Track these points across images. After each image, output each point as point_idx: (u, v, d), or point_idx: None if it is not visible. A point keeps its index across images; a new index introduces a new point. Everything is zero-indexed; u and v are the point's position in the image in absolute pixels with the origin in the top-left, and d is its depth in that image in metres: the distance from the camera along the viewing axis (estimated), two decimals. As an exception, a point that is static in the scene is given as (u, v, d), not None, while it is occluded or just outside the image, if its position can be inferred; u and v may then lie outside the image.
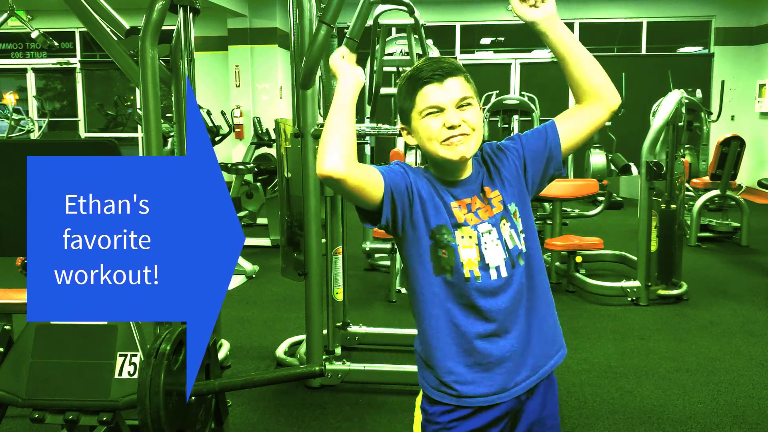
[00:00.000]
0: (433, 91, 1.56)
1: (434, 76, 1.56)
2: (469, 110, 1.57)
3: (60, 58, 11.97)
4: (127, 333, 2.11)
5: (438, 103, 1.55)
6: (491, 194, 1.63)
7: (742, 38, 10.83)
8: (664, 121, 4.87)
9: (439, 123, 1.55)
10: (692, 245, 6.75)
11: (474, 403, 1.60)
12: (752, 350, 3.99)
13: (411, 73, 1.61)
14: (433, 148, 1.57)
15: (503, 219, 1.62)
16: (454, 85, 1.56)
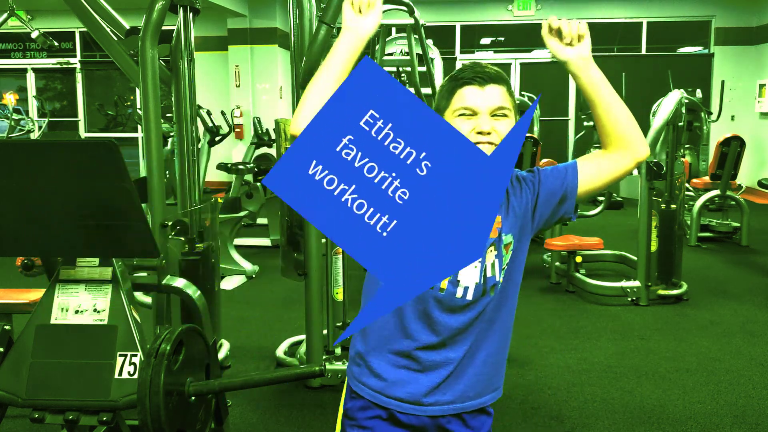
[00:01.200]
0: (471, 93, 1.52)
1: (476, 79, 1.53)
2: (503, 121, 1.53)
3: (60, 58, 11.97)
4: (126, 333, 2.11)
5: (473, 106, 1.51)
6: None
7: (742, 38, 10.83)
8: (664, 121, 4.87)
9: (470, 126, 1.51)
10: (692, 245, 6.75)
11: (388, 404, 1.56)
12: (752, 350, 3.99)
13: (454, 73, 1.58)
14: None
15: (492, 246, 1.58)
16: (493, 92, 1.52)
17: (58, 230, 2.08)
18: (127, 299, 2.16)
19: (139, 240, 2.05)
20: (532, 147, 7.09)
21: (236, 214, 5.70)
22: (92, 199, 1.97)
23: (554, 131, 11.20)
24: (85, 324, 2.12)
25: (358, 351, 1.63)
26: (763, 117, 10.41)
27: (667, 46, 11.46)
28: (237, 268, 5.67)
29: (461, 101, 1.52)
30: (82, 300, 2.14)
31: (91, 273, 2.17)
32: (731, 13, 10.86)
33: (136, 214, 1.98)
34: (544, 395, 3.39)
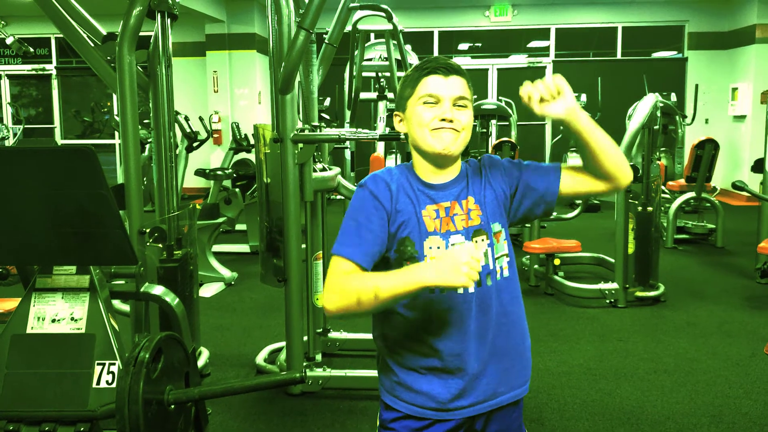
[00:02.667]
0: (436, 81, 1.59)
1: (440, 69, 1.60)
2: (463, 111, 1.60)
3: (35, 65, 11.84)
4: (104, 341, 2.09)
5: (437, 94, 1.58)
6: (472, 205, 1.63)
7: (714, 43, 10.99)
8: (639, 125, 4.92)
9: (433, 114, 1.58)
10: (669, 247, 6.83)
11: (423, 414, 1.61)
12: (728, 350, 4.04)
13: (419, 64, 1.65)
14: (422, 135, 1.60)
15: (480, 233, 1.62)
16: (456, 82, 1.60)
17: (35, 238, 2.05)
18: (104, 307, 2.13)
19: (117, 247, 2.03)
20: (510, 151, 7.14)
21: (215, 220, 5.67)
22: (69, 206, 1.95)
23: (531, 135, 11.24)
24: (62, 333, 2.10)
25: (387, 363, 1.67)
26: (736, 120, 10.56)
27: (642, 51, 11.59)
28: (215, 275, 5.63)
29: (426, 89, 1.59)
30: (59, 309, 2.12)
31: (68, 281, 2.15)
32: (704, 18, 11.01)
33: (114, 221, 1.96)
34: (524, 398, 3.40)
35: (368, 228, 1.56)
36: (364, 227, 1.56)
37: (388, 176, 1.63)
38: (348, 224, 1.58)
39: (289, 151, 3.14)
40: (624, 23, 11.28)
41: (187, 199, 9.52)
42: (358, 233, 1.55)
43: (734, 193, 9.62)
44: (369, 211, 1.57)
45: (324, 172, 3.43)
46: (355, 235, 1.55)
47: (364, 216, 1.57)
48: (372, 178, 1.63)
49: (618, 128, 6.87)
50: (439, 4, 11.10)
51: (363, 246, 1.54)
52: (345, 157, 8.98)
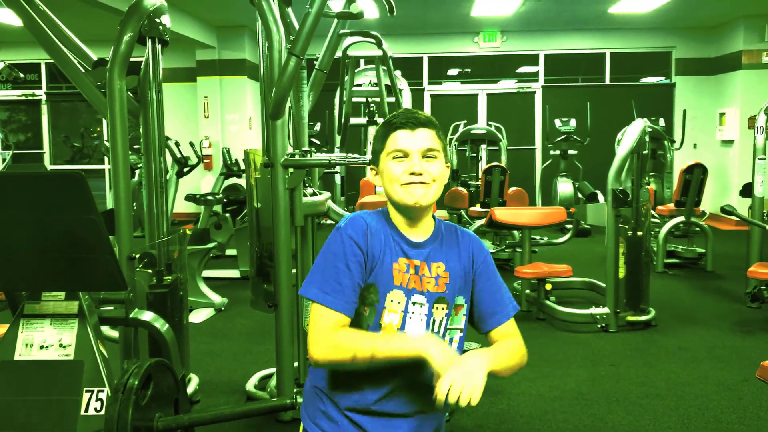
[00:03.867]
0: (403, 136, 1.63)
1: (407, 123, 1.64)
2: (433, 163, 1.64)
3: (25, 90, 11.84)
4: (93, 368, 2.07)
5: (405, 148, 1.62)
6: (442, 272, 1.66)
7: (701, 68, 11.13)
8: (628, 150, 4.96)
9: (402, 168, 1.63)
10: (659, 271, 6.85)
11: None
12: (720, 375, 4.04)
13: (387, 119, 1.69)
14: (393, 189, 1.63)
15: (441, 301, 1.65)
16: (423, 135, 1.63)
17: (23, 263, 2.04)
18: (93, 333, 2.12)
19: (107, 273, 2.02)
20: (500, 175, 7.17)
21: (205, 245, 5.65)
22: (58, 232, 1.94)
23: (521, 160, 11.34)
24: (50, 360, 2.08)
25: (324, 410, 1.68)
26: (724, 145, 10.66)
27: (630, 76, 11.72)
28: (205, 301, 5.60)
29: (394, 144, 1.64)
30: (48, 335, 2.10)
31: (57, 307, 2.13)
32: (691, 45, 11.16)
33: (103, 247, 1.95)
34: (516, 423, 3.38)
35: (349, 276, 1.57)
36: (344, 275, 1.56)
37: (366, 221, 1.64)
38: (327, 269, 1.58)
39: (279, 176, 3.15)
40: (612, 49, 11.42)
41: (178, 224, 9.49)
42: (338, 280, 1.56)
43: (723, 218, 9.68)
44: (349, 257, 1.58)
45: (314, 196, 3.43)
46: (335, 282, 1.56)
47: (344, 262, 1.57)
48: (351, 222, 1.64)
49: (607, 153, 6.93)
50: (429, 30, 11.21)
51: (346, 295, 1.56)
52: (335, 181, 9.00)
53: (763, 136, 5.66)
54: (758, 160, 5.67)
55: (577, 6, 9.47)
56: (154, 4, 3.25)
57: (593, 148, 9.81)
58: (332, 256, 1.59)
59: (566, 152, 9.74)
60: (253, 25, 3.73)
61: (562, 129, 9.75)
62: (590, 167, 9.65)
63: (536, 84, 11.62)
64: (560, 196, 9.66)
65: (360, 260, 1.58)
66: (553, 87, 11.62)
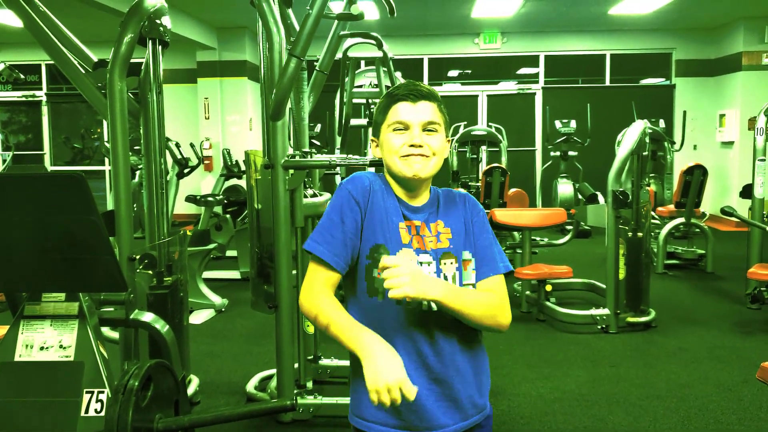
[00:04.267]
0: (404, 108, 1.63)
1: (409, 96, 1.63)
2: (434, 136, 1.63)
3: (26, 91, 11.85)
4: (93, 369, 2.07)
5: (406, 120, 1.62)
6: (442, 228, 1.66)
7: (701, 70, 11.12)
8: (629, 151, 4.96)
9: (402, 140, 1.62)
10: (659, 272, 6.85)
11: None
12: (720, 376, 4.03)
13: (390, 90, 1.70)
14: (393, 161, 1.64)
15: (448, 256, 1.64)
16: (425, 108, 1.63)
17: (24, 265, 2.04)
18: (94, 335, 2.12)
19: (107, 274, 2.02)
20: (500, 177, 7.17)
21: (205, 246, 5.65)
22: (59, 233, 1.94)
23: (521, 161, 11.34)
24: (50, 361, 2.08)
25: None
26: (724, 146, 10.66)
27: (630, 78, 11.71)
28: (206, 302, 5.60)
29: (395, 116, 1.64)
30: (48, 336, 2.10)
31: (57, 308, 2.13)
32: (691, 46, 11.16)
33: (104, 248, 1.95)
34: (516, 424, 3.38)
35: (341, 229, 1.59)
36: (336, 226, 1.59)
37: (369, 180, 1.66)
38: (323, 221, 1.62)
39: (279, 177, 3.15)
40: (612, 50, 11.41)
41: (178, 225, 9.49)
42: (330, 231, 1.59)
43: (723, 219, 9.68)
44: (344, 211, 1.60)
45: (314, 197, 3.43)
46: (327, 233, 1.59)
47: (339, 215, 1.60)
48: (352, 178, 1.66)
49: (607, 154, 6.93)
50: (429, 31, 11.21)
51: (334, 246, 1.58)
52: (335, 182, 9.00)
53: (763, 138, 5.66)
54: (758, 161, 5.67)
55: (577, 7, 9.47)
56: (155, 5, 3.25)
57: (593, 149, 9.81)
58: (330, 209, 1.62)
59: (566, 153, 9.74)
60: (254, 26, 3.72)
61: (563, 130, 9.75)
62: (590, 168, 9.65)
63: (536, 85, 11.62)
64: (560, 198, 9.66)
65: (356, 217, 1.60)
66: (554, 88, 11.62)
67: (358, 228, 1.60)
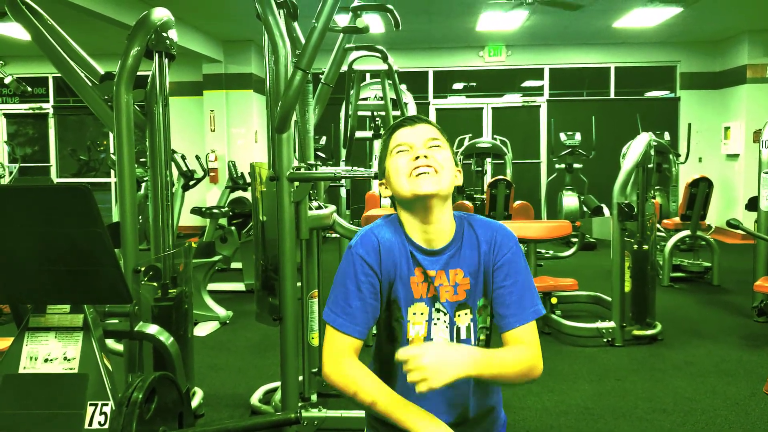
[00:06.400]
0: (404, 132, 1.63)
1: (406, 121, 1.65)
2: (438, 150, 1.60)
3: (32, 104, 11.91)
4: (97, 381, 2.06)
5: (407, 142, 1.61)
6: (461, 279, 1.60)
7: (706, 82, 11.13)
8: (634, 163, 4.95)
9: (407, 157, 1.59)
10: (665, 285, 6.82)
11: None
12: (727, 390, 4.01)
13: (390, 126, 1.69)
14: (401, 184, 1.57)
15: (462, 308, 1.61)
16: (424, 128, 1.63)
17: (29, 276, 2.04)
18: (98, 347, 2.11)
19: (112, 286, 2.02)
20: (505, 189, 7.17)
21: (210, 258, 5.65)
22: (64, 245, 1.94)
23: (527, 174, 11.34)
24: (54, 373, 2.07)
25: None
26: (729, 159, 10.64)
27: (634, 90, 11.73)
28: (210, 314, 5.59)
29: (396, 141, 1.63)
30: (52, 348, 2.10)
31: (62, 320, 2.13)
32: (696, 59, 11.17)
33: (109, 260, 1.95)
34: (522, 439, 3.36)
35: (359, 297, 1.54)
36: (354, 296, 1.54)
37: (377, 237, 1.59)
38: (339, 290, 1.57)
39: (285, 190, 3.15)
40: (617, 63, 11.43)
41: (183, 237, 9.51)
42: (347, 301, 1.54)
43: (729, 231, 9.65)
44: (359, 278, 1.55)
45: (320, 210, 3.44)
46: (345, 302, 1.55)
47: (354, 284, 1.55)
48: (361, 241, 1.59)
49: (612, 167, 6.92)
50: (434, 44, 11.25)
51: (355, 317, 1.54)
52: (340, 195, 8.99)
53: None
54: (764, 173, 5.65)
55: (581, 21, 9.49)
56: (161, 18, 3.27)
57: (598, 161, 9.81)
58: (343, 277, 1.57)
59: (571, 166, 9.74)
60: (260, 39, 3.75)
61: (567, 143, 9.76)
62: (595, 181, 9.64)
63: (541, 98, 11.64)
64: (565, 210, 9.65)
65: (372, 280, 1.55)
66: (558, 101, 11.64)
67: (377, 290, 1.56)
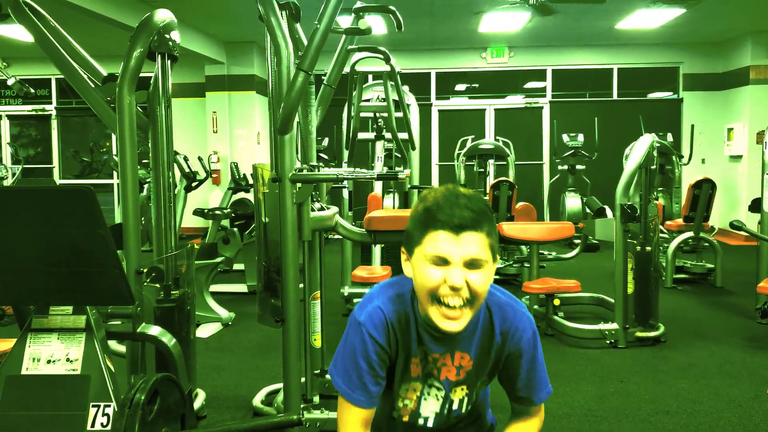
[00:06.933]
0: (445, 240, 1.38)
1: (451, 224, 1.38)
2: (477, 273, 1.40)
3: (35, 105, 11.94)
4: (100, 382, 2.07)
5: (446, 254, 1.38)
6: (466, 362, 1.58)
7: (709, 84, 11.12)
8: (636, 165, 4.94)
9: (440, 276, 1.39)
10: (668, 287, 6.81)
11: None
12: (730, 391, 4.00)
13: (429, 205, 1.42)
14: (425, 299, 1.44)
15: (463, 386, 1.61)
16: (470, 240, 1.38)
17: (31, 278, 2.04)
18: (100, 348, 2.11)
19: (114, 287, 2.02)
20: (508, 190, 7.16)
21: (212, 260, 5.65)
22: (67, 246, 1.94)
23: (529, 175, 11.34)
24: (57, 374, 2.07)
25: None
26: (732, 160, 10.63)
27: (637, 92, 11.72)
28: (213, 316, 5.59)
29: (434, 247, 1.39)
30: (55, 349, 2.10)
31: (65, 321, 2.13)
32: (698, 60, 11.16)
33: (112, 261, 1.95)
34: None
35: (372, 374, 1.53)
36: (367, 374, 1.52)
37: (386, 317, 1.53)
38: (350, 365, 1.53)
39: (287, 191, 3.15)
40: (619, 64, 11.43)
41: (186, 238, 9.51)
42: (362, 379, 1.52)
43: (732, 233, 9.63)
44: (372, 358, 1.52)
45: (322, 211, 3.43)
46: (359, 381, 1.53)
47: (367, 363, 1.52)
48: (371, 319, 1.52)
49: (615, 168, 6.91)
50: (436, 45, 11.25)
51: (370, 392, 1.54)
52: (343, 196, 8.98)
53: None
54: (767, 175, 5.64)
55: (584, 22, 9.49)
56: (164, 20, 3.28)
57: (601, 163, 9.80)
58: (353, 352, 1.52)
59: (574, 167, 9.74)
60: (262, 40, 3.75)
61: (570, 144, 9.75)
62: (598, 182, 9.63)
63: (544, 99, 11.63)
64: (568, 211, 9.64)
65: (383, 357, 1.54)
66: (561, 102, 11.63)
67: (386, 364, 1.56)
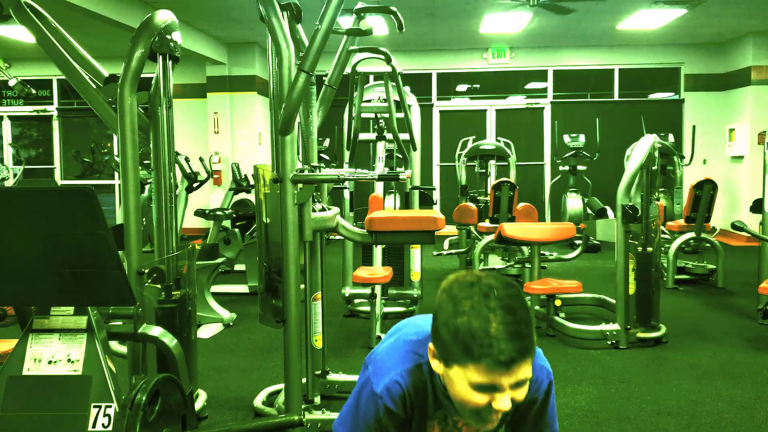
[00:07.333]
0: (494, 372, 1.32)
1: (500, 362, 1.32)
2: (521, 389, 1.37)
3: (37, 106, 11.95)
4: (101, 383, 2.07)
5: (496, 384, 1.33)
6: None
7: (711, 84, 11.12)
8: (638, 165, 4.94)
9: (485, 400, 1.35)
10: (669, 287, 6.80)
11: None
12: (732, 392, 3.99)
13: (474, 328, 1.32)
14: (463, 408, 1.40)
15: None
16: (520, 370, 1.34)
17: (33, 278, 2.04)
18: (102, 349, 2.11)
19: (116, 288, 2.02)
20: (509, 191, 7.16)
21: (214, 260, 5.65)
22: (68, 247, 1.94)
23: (530, 175, 11.33)
24: (58, 375, 2.07)
25: None
26: (733, 160, 10.62)
27: (638, 92, 11.72)
28: (214, 316, 5.59)
29: (480, 377, 1.33)
30: (56, 350, 2.10)
31: (66, 322, 2.13)
32: (700, 61, 11.16)
33: (113, 262, 1.95)
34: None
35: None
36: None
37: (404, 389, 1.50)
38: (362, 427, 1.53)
39: (288, 192, 3.15)
40: (621, 65, 11.43)
41: (187, 239, 9.51)
42: None
43: (734, 234, 9.62)
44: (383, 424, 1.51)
45: (323, 212, 3.43)
46: None
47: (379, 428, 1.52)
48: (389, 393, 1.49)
49: (616, 169, 6.91)
50: (438, 46, 11.25)
51: None
52: (344, 197, 8.99)
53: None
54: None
55: (585, 23, 9.49)
56: (165, 20, 3.28)
57: (602, 163, 9.80)
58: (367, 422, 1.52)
59: (575, 168, 9.74)
60: (263, 41, 3.74)
61: (571, 145, 9.75)
62: (599, 183, 9.63)
63: (545, 100, 11.63)
64: (569, 212, 9.64)
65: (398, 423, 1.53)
66: (562, 103, 11.63)
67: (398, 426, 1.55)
